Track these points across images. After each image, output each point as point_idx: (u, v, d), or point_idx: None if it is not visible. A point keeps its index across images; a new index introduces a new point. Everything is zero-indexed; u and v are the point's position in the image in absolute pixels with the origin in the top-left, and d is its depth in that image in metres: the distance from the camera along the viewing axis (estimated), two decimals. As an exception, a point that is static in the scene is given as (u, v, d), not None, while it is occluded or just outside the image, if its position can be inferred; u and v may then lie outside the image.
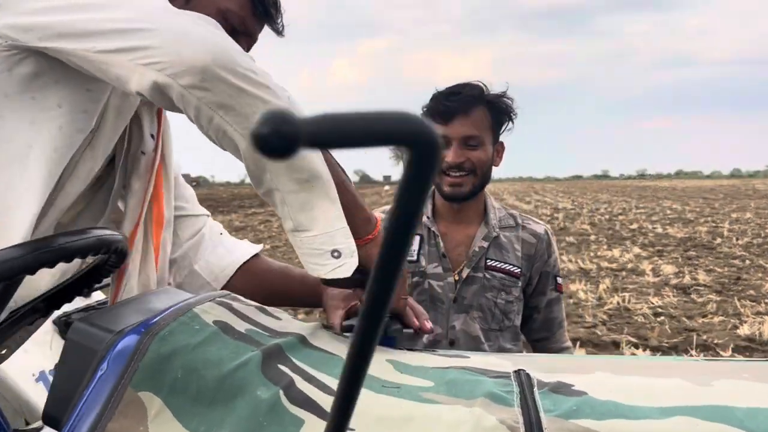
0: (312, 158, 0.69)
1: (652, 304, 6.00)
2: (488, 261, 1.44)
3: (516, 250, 1.47)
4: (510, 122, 1.47)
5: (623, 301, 6.04)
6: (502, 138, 1.49)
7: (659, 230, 13.53)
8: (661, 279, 7.47)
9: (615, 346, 4.32)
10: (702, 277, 7.50)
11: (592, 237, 12.07)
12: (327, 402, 0.58)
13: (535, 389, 0.58)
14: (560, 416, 0.53)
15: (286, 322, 0.78)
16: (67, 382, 0.59)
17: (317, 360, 0.67)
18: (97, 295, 1.32)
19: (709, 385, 0.58)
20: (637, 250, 10.27)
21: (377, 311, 0.24)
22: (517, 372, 0.63)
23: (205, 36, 0.65)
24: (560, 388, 0.58)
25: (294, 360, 0.65)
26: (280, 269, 1.04)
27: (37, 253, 0.60)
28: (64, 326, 1.15)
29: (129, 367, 0.56)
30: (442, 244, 1.45)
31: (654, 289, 6.83)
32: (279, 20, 0.94)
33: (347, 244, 0.71)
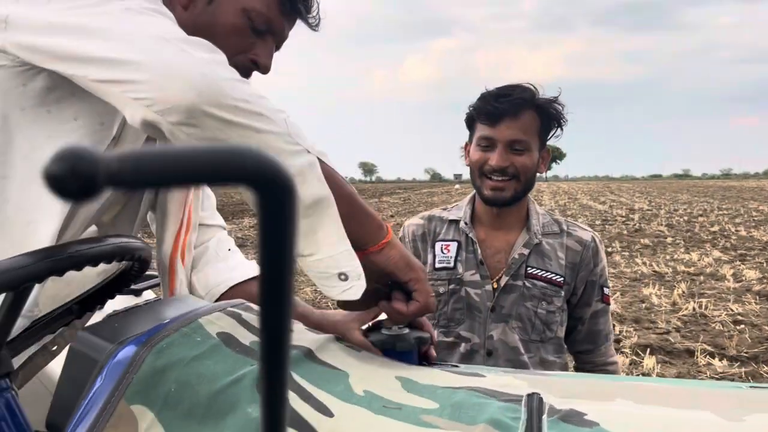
0: (312, 183, 0.67)
1: (732, 311, 5.53)
2: (529, 269, 1.37)
3: (559, 257, 1.39)
4: (559, 129, 1.40)
5: (700, 307, 5.61)
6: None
7: (743, 233, 12.60)
8: (743, 285, 6.92)
9: (689, 355, 4.05)
10: (796, 284, 6.57)
11: (669, 239, 11.37)
12: (319, 421, 0.56)
13: (544, 417, 0.53)
14: None
15: (299, 332, 0.76)
16: (68, 391, 0.60)
17: (319, 376, 0.64)
18: (148, 294, 1.37)
19: (740, 420, 0.50)
20: (717, 253, 9.58)
21: (272, 359, 0.21)
22: (531, 396, 0.58)
23: (191, 70, 0.62)
24: (571, 417, 0.52)
25: (294, 376, 0.62)
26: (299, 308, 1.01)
27: (46, 261, 0.61)
28: None
29: (123, 380, 0.56)
30: (480, 250, 1.40)
31: (734, 295, 6.31)
32: (312, 14, 0.91)
33: (353, 266, 0.68)
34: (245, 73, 0.86)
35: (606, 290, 1.44)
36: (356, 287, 0.69)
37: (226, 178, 0.17)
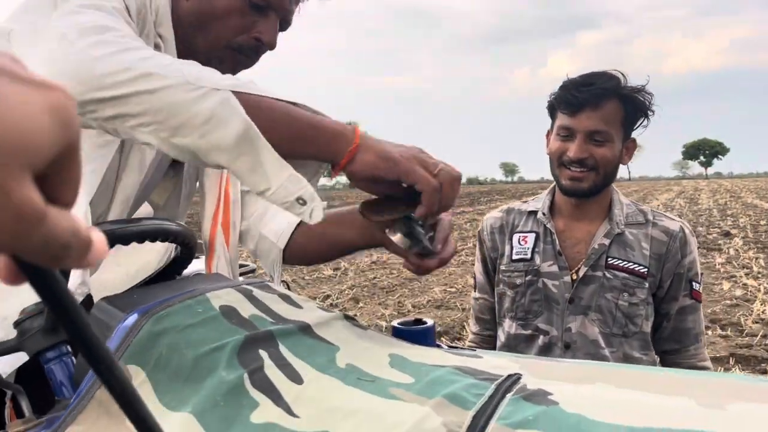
0: (230, 120, 0.63)
1: None
2: (609, 259, 1.33)
3: (643, 248, 1.32)
4: (646, 119, 1.35)
5: None
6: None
7: None
8: None
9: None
10: None
11: None
12: (288, 388, 0.57)
13: (509, 395, 0.49)
14: (509, 425, 0.44)
15: (307, 310, 0.78)
16: None
17: (305, 348, 0.65)
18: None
19: (721, 408, 0.42)
20: None
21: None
22: (509, 377, 0.54)
23: (68, 63, 0.63)
24: (534, 396, 0.48)
25: (280, 346, 0.64)
26: (334, 217, 0.98)
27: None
28: None
29: (124, 342, 0.62)
30: (558, 241, 1.37)
31: None
32: None
33: (302, 189, 0.65)
34: (252, 53, 0.89)
35: (696, 285, 1.33)
36: (316, 209, 0.66)
37: None
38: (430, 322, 0.82)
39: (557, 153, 1.33)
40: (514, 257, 1.39)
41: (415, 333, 0.79)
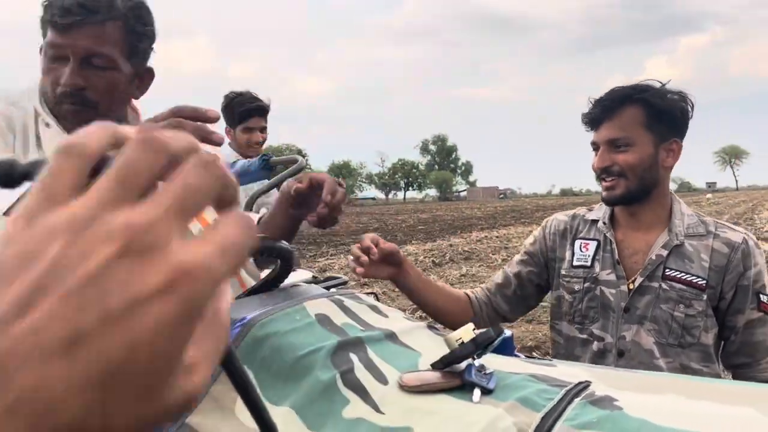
0: None
1: None
2: (667, 270, 1.33)
3: (703, 260, 1.32)
4: (682, 118, 1.36)
5: None
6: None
7: None
8: None
9: None
10: None
11: None
12: (375, 388, 0.64)
13: (576, 400, 0.52)
14: (575, 426, 0.47)
15: (392, 319, 0.85)
16: None
17: (391, 353, 0.72)
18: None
19: None
20: None
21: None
22: (579, 384, 0.57)
23: None
24: (600, 401, 0.51)
25: (368, 351, 0.71)
26: None
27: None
28: None
29: (234, 344, 0.72)
30: (617, 250, 1.38)
31: None
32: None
33: None
34: (70, 100, 0.99)
35: (764, 297, 1.30)
36: None
37: None
38: (508, 332, 0.86)
39: (594, 168, 1.40)
40: (575, 263, 1.42)
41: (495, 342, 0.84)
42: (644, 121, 1.32)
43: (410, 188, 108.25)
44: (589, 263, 1.39)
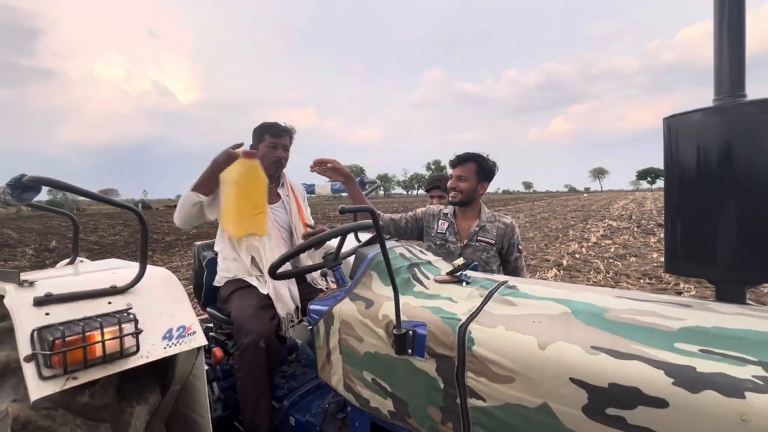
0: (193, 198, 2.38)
1: None
2: (478, 237, 2.72)
3: (493, 232, 2.73)
4: (491, 173, 2.80)
5: None
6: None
7: None
8: None
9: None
10: None
11: None
12: (424, 281, 1.69)
13: (504, 285, 1.59)
14: (501, 293, 1.53)
15: (427, 255, 1.91)
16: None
17: (430, 269, 1.78)
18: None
19: (615, 296, 1.50)
20: None
21: None
22: (505, 281, 1.64)
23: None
24: (513, 287, 1.57)
25: (421, 267, 1.77)
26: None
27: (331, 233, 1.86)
28: None
29: (370, 262, 1.77)
30: (456, 227, 2.77)
31: None
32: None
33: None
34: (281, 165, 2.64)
35: (520, 246, 2.75)
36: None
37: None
38: (476, 264, 1.93)
39: (448, 186, 2.83)
40: (438, 231, 2.82)
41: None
42: (475, 170, 2.71)
43: (419, 189, 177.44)
44: (444, 232, 2.78)
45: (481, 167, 2.73)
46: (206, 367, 2.12)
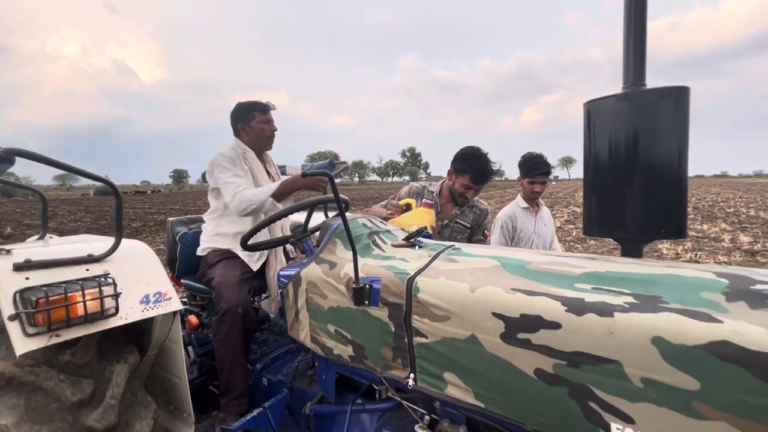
0: (267, 202, 2.60)
1: (718, 260, 8.03)
2: (456, 219, 3.00)
3: (469, 216, 3.02)
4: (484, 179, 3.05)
5: (695, 257, 8.43)
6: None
7: (752, 213, 16.99)
8: (736, 245, 9.79)
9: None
10: (769, 246, 11.88)
11: (692, 216, 16.33)
12: (382, 246, 1.91)
13: (450, 248, 1.83)
14: (446, 253, 1.76)
15: (384, 225, 2.13)
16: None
17: (388, 236, 1.99)
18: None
19: (559, 255, 1.74)
20: (724, 225, 13.55)
21: None
22: (449, 244, 1.89)
23: (231, 204, 2.67)
24: (458, 248, 1.82)
25: (380, 234, 1.97)
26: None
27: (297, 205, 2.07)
28: None
29: (334, 231, 1.98)
30: (439, 208, 3.04)
31: (726, 252, 8.95)
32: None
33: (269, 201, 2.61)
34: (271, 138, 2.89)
35: (486, 231, 3.04)
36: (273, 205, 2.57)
37: None
38: (430, 231, 2.19)
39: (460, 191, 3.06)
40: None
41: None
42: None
43: (394, 176, 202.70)
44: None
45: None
46: (182, 333, 2.30)
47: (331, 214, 2.85)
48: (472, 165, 2.83)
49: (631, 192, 1.56)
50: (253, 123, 2.81)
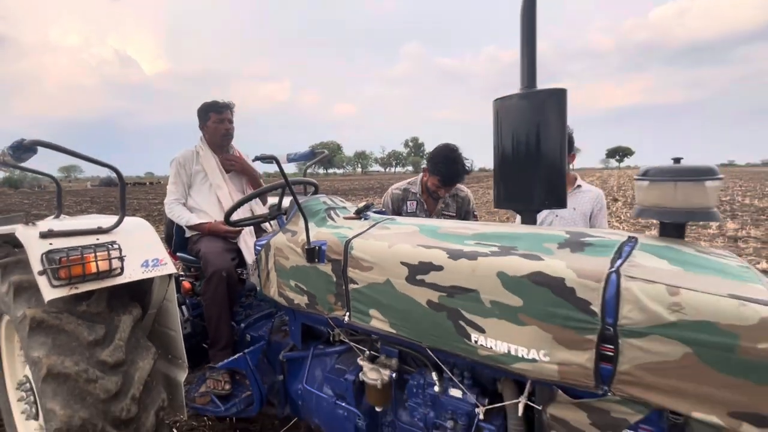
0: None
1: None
2: (443, 212, 3.34)
3: (453, 205, 3.35)
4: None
5: None
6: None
7: (746, 201, 17.62)
8: (721, 231, 10.28)
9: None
10: (754, 232, 10.39)
11: None
12: (336, 219, 2.35)
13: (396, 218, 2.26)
14: (381, 222, 2.20)
15: (342, 203, 2.56)
16: None
17: (342, 210, 2.42)
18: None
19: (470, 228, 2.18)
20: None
21: None
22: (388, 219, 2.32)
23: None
24: (401, 219, 2.25)
25: (336, 210, 2.41)
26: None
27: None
28: None
29: (302, 204, 2.43)
30: (425, 205, 3.36)
31: (709, 238, 9.41)
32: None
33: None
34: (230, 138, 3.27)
35: (475, 212, 3.37)
36: None
37: None
38: (380, 208, 2.62)
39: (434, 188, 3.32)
40: (408, 212, 3.36)
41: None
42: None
43: (397, 167, 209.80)
44: (414, 210, 3.32)
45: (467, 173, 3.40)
46: (177, 295, 2.74)
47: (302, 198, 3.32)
48: (442, 170, 3.04)
49: (525, 173, 1.99)
50: (209, 123, 3.22)
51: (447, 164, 3.01)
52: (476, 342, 1.52)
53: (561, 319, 1.34)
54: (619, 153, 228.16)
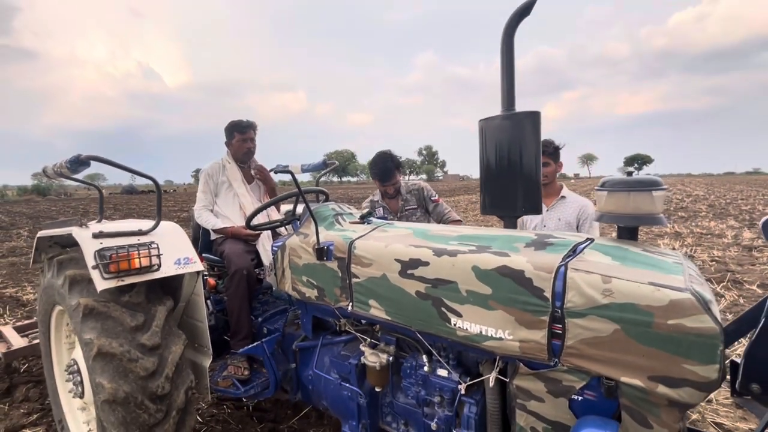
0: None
1: (712, 255, 8.80)
2: (405, 208, 3.70)
3: (413, 200, 3.72)
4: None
5: (690, 250, 9.24)
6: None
7: (767, 211, 17.80)
8: (736, 241, 10.50)
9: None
10: (770, 242, 10.88)
11: (703, 213, 17.05)
12: (343, 224, 2.68)
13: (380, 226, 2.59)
14: (381, 226, 2.52)
15: (349, 209, 2.89)
16: None
17: (349, 216, 2.76)
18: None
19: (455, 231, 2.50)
20: (732, 222, 14.00)
21: None
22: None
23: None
24: (399, 223, 2.57)
25: (343, 215, 2.75)
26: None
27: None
28: None
29: (314, 210, 2.76)
30: (389, 208, 3.74)
31: (724, 247, 9.67)
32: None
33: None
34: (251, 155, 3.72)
35: (433, 197, 3.70)
36: None
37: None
38: (380, 213, 2.94)
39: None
40: (380, 218, 3.64)
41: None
42: (398, 172, 3.74)
43: (411, 174, 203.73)
44: (383, 215, 3.70)
45: (400, 166, 3.76)
46: (203, 290, 3.10)
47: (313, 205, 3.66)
48: (375, 171, 3.68)
49: (506, 184, 2.30)
50: (233, 141, 3.69)
51: (377, 165, 3.66)
52: (455, 325, 1.82)
53: (521, 304, 1.64)
54: (638, 161, 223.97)
